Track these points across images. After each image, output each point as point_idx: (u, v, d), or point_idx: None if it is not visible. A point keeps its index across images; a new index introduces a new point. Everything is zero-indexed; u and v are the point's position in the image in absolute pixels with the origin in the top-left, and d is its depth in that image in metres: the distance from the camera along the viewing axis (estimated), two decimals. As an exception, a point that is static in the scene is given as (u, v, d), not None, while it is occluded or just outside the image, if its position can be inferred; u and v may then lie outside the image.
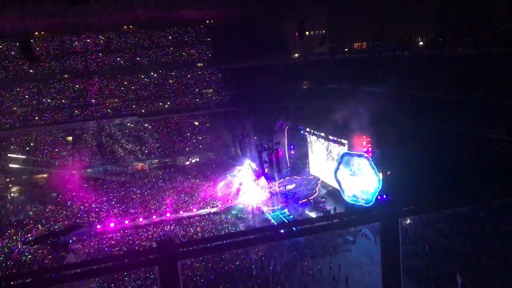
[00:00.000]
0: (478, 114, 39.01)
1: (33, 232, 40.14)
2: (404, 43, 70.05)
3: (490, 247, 26.76)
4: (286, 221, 40.16)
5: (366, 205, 38.00)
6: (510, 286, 22.68)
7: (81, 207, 46.59)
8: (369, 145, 40.48)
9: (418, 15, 72.22)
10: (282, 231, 5.18)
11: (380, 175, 37.79)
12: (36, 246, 35.42)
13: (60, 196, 50.36)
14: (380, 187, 37.22)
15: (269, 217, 42.00)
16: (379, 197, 37.70)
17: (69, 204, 47.45)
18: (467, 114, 39.92)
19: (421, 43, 70.22)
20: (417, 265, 27.24)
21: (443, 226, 30.70)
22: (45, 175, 57.40)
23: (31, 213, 45.42)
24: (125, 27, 74.52)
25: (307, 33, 76.78)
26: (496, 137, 35.97)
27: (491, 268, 25.34)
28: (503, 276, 24.42)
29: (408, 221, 30.26)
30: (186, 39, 76.55)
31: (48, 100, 66.60)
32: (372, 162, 38.09)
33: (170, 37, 75.92)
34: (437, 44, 62.17)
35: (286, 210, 43.19)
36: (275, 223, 40.01)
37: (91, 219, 43.43)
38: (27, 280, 4.24)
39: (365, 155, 39.10)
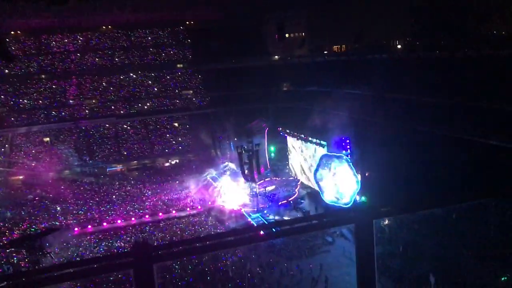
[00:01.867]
0: (455, 116, 39.80)
1: (9, 235, 39.31)
2: (382, 46, 71.01)
3: (464, 247, 27.32)
4: (265, 222, 40.27)
5: (345, 206, 38.33)
6: (481, 286, 23.21)
7: (58, 209, 45.84)
8: (348, 146, 40.85)
9: (396, 18, 73.35)
10: (261, 232, 5.20)
11: (359, 176, 38.18)
12: (11, 249, 34.73)
13: (37, 198, 49.47)
14: (359, 189, 37.61)
15: (249, 219, 42.00)
16: (357, 198, 38.12)
17: (45, 206, 46.63)
18: (444, 116, 40.71)
19: (399, 46, 71.22)
20: (393, 264, 27.63)
21: (419, 227, 31.20)
22: (21, 177, 56.28)
23: (8, 214, 44.46)
24: (103, 27, 73.66)
25: (287, 35, 77.76)
26: (472, 139, 36.74)
27: (464, 267, 25.88)
28: (475, 275, 24.97)
29: (386, 222, 30.66)
30: (165, 40, 76.09)
31: (25, 101, 65.37)
32: (351, 164, 38.46)
33: (149, 38, 75.35)
34: (414, 47, 63.17)
35: (265, 211, 43.27)
36: (255, 225, 40.06)
37: (68, 222, 42.76)
38: (2, 285, 4.18)
39: (344, 156, 39.45)
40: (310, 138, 46.43)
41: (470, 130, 37.44)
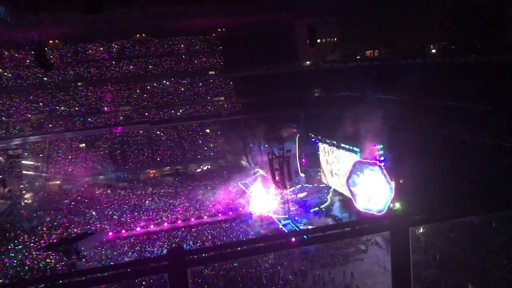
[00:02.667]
0: (492, 122, 38.60)
1: (46, 239, 40.44)
2: (416, 50, 69.84)
3: (501, 257, 26.36)
4: (296, 228, 40.01)
5: (378, 213, 37.68)
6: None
7: (93, 213, 46.89)
8: (381, 153, 40.20)
9: (430, 22, 72.00)
10: (293, 239, 5.14)
11: (392, 183, 37.48)
12: (48, 252, 35.69)
13: (73, 203, 50.77)
14: (392, 196, 36.91)
15: (280, 225, 41.83)
16: (391, 205, 37.40)
17: (81, 211, 47.78)
18: (481, 123, 39.54)
19: (433, 50, 69.89)
20: (428, 274, 26.93)
21: (456, 235, 30.35)
22: (58, 182, 57.92)
23: (47, 219, 45.78)
24: (137, 35, 75.33)
25: (318, 40, 77.45)
26: (509, 146, 35.51)
27: (502, 279, 24.95)
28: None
29: (421, 230, 29.95)
30: (197, 47, 77.15)
31: (62, 108, 67.43)
32: (384, 171, 37.82)
33: (182, 46, 76.56)
34: (449, 52, 61.84)
35: (296, 218, 43.01)
36: (286, 231, 39.88)
37: (103, 226, 43.65)
38: (40, 286, 4.28)
39: (377, 163, 38.84)
40: (342, 145, 45.93)
41: (507, 136, 36.20)
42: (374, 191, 38.76)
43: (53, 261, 35.56)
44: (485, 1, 63.39)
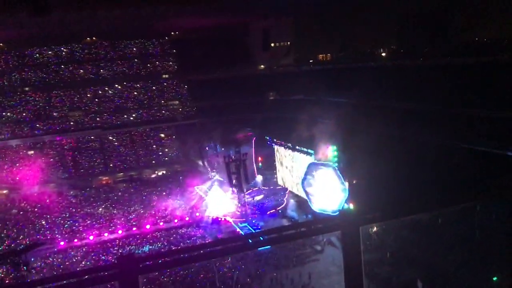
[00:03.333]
0: (438, 122, 40.25)
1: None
2: (367, 54, 71.81)
3: (449, 253, 27.48)
4: (253, 231, 40.15)
5: (333, 214, 38.36)
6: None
7: (43, 223, 45.15)
8: (335, 154, 41.00)
9: (380, 27, 74.25)
10: (249, 241, 5.15)
11: (347, 184, 38.29)
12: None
13: (21, 212, 48.68)
14: (347, 196, 37.70)
15: (237, 229, 41.80)
16: (346, 206, 38.19)
17: (30, 221, 45.89)
18: (430, 123, 41.14)
19: (383, 54, 72.12)
20: (381, 271, 27.68)
21: (406, 233, 31.36)
22: (5, 191, 55.36)
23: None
24: (87, 38, 73.26)
25: (272, 44, 78.18)
26: (457, 145, 37.11)
27: (450, 273, 26.01)
28: (461, 281, 25.10)
29: (374, 229, 30.76)
30: (151, 50, 75.90)
31: (8, 114, 64.56)
32: (338, 172, 38.58)
33: (134, 49, 75.09)
34: (398, 55, 64.03)
35: (254, 221, 43.13)
36: (243, 234, 39.91)
37: (54, 236, 42.11)
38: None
39: (331, 165, 39.58)
40: (297, 147, 46.49)
41: (453, 135, 37.87)
42: (328, 192, 39.48)
43: (0, 274, 33.95)
44: (432, 8, 66.21)
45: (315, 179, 41.09)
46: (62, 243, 40.58)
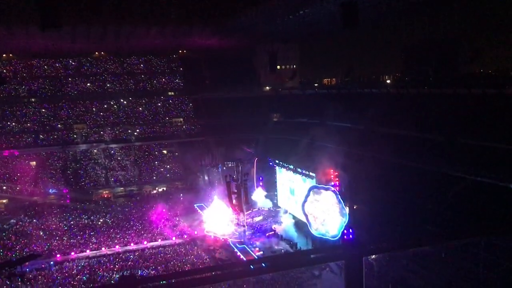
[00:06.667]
0: (444, 152, 40.21)
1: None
2: (372, 80, 72.28)
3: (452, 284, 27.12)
4: (252, 253, 39.86)
5: (333, 239, 38.13)
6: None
7: (41, 234, 44.92)
8: (337, 179, 40.94)
9: (386, 54, 74.98)
10: (251, 267, 5.14)
11: (347, 209, 38.13)
12: (-10, 275, 33.75)
13: (20, 223, 48.50)
14: (347, 221, 37.50)
15: (236, 250, 41.49)
16: (345, 231, 37.93)
17: (28, 232, 45.68)
18: (434, 152, 41.12)
19: (388, 81, 72.56)
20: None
21: (408, 262, 31.05)
22: (4, 201, 55.27)
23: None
24: (96, 53, 74.07)
25: (278, 67, 78.85)
26: (463, 176, 36.97)
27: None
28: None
29: (373, 256, 30.42)
30: (158, 67, 76.68)
31: (13, 124, 64.90)
32: (339, 196, 38.46)
33: (141, 65, 75.89)
34: (404, 83, 64.38)
35: (252, 242, 42.82)
36: (242, 255, 39.63)
37: (51, 248, 41.85)
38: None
39: (332, 188, 39.49)
40: (299, 169, 46.46)
41: (459, 167, 37.73)
42: (328, 216, 39.29)
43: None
44: (438, 36, 66.99)
45: (316, 202, 40.95)
46: (58, 255, 40.29)
